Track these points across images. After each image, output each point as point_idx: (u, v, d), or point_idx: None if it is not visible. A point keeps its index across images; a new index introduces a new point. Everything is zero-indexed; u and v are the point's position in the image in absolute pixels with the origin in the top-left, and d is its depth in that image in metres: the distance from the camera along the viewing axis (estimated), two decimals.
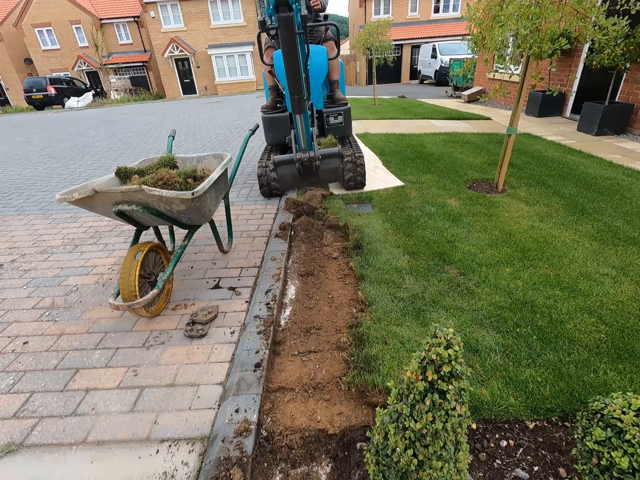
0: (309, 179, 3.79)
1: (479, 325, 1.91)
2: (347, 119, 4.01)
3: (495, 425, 1.42)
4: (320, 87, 3.88)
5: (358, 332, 1.87)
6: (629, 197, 3.35)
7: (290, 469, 1.35)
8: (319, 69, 3.76)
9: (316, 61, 3.69)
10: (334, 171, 3.74)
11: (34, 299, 2.36)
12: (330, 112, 3.98)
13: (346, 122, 4.01)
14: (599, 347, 1.72)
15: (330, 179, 3.84)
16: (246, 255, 2.78)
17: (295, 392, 1.61)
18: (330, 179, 3.86)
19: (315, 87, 3.81)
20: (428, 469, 0.91)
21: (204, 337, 1.96)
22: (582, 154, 4.79)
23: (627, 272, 2.28)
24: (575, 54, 6.81)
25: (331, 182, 4.00)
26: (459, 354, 0.88)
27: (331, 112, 3.98)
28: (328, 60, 3.81)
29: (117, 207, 1.87)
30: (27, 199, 4.34)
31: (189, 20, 22.66)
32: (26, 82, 19.80)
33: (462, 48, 15.75)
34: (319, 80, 3.82)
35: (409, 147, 5.45)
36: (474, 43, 3.17)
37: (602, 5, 2.70)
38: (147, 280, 2.16)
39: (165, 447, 1.40)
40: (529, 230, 2.87)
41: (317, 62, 3.70)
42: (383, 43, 9.50)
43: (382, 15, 23.18)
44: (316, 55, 3.68)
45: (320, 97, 3.93)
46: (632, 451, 0.88)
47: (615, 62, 4.89)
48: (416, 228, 2.97)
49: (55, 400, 1.62)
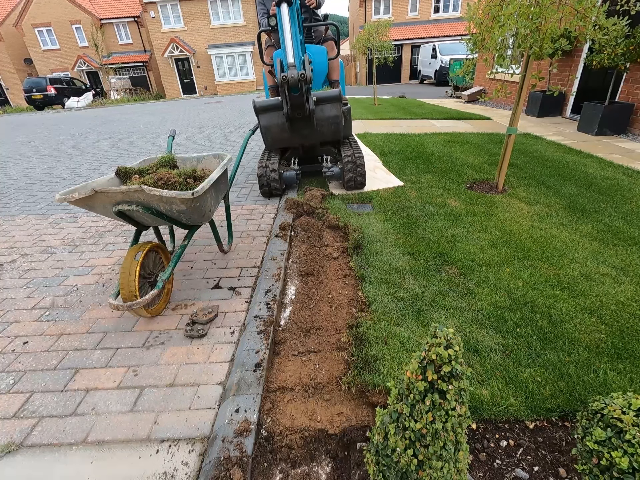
0: (300, 132, 3.23)
1: (479, 325, 1.91)
2: (347, 119, 4.00)
3: (495, 425, 1.42)
4: (320, 87, 3.87)
5: (358, 332, 1.87)
6: (629, 197, 3.35)
7: (290, 469, 1.35)
8: (318, 69, 3.75)
9: (316, 61, 3.69)
10: (333, 121, 3.17)
11: (34, 299, 2.36)
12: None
13: (346, 122, 4.00)
14: (599, 347, 1.72)
15: (328, 132, 3.28)
16: (246, 255, 2.78)
17: (295, 392, 1.61)
18: (328, 133, 3.30)
19: (315, 87, 3.81)
20: (428, 469, 0.91)
21: (204, 337, 1.96)
22: (582, 154, 4.79)
23: (627, 272, 2.28)
24: (575, 54, 6.81)
25: (329, 138, 3.47)
26: (459, 354, 0.88)
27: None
28: (328, 60, 3.81)
29: (117, 207, 1.87)
30: (27, 199, 4.34)
31: (189, 20, 22.67)
32: (26, 82, 19.81)
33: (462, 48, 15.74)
34: (319, 80, 3.81)
35: (409, 147, 5.45)
36: (474, 43, 3.17)
37: (603, 6, 2.71)
38: (147, 280, 2.16)
39: (165, 447, 1.40)
40: (529, 230, 2.87)
41: (316, 62, 3.69)
42: (383, 43, 9.50)
43: (382, 15, 23.18)
44: (316, 55, 3.68)
45: None
46: (632, 451, 0.88)
47: (615, 62, 4.89)
48: (416, 228, 2.97)
49: (55, 400, 1.62)
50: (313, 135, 3.44)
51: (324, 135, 3.49)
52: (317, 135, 3.46)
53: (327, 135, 3.49)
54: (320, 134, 3.43)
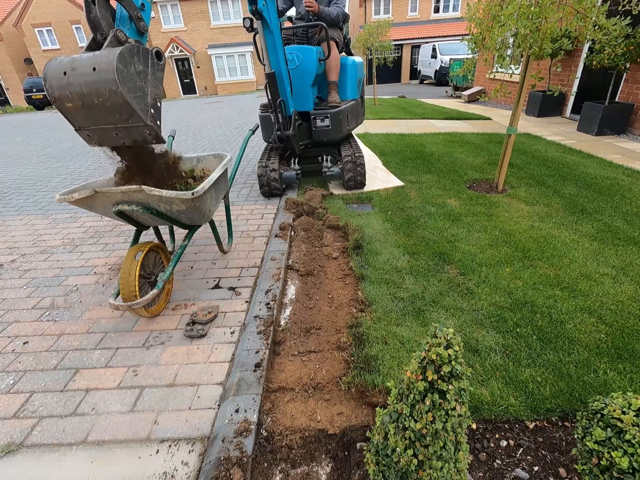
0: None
1: (479, 325, 1.91)
2: (334, 123, 3.76)
3: (495, 425, 1.42)
4: (309, 88, 3.75)
5: (358, 332, 1.87)
6: (629, 197, 3.35)
7: (290, 469, 1.35)
8: (306, 70, 3.67)
9: (302, 62, 3.62)
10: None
11: (34, 299, 2.36)
12: (317, 115, 3.75)
13: (334, 125, 3.76)
14: (599, 347, 1.72)
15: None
16: (246, 255, 2.78)
17: (295, 392, 1.61)
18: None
19: (304, 87, 3.71)
20: (428, 469, 0.91)
21: (204, 337, 1.96)
22: (582, 154, 4.79)
23: (627, 272, 2.28)
24: (575, 54, 6.81)
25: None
26: (459, 354, 0.88)
27: (318, 115, 3.75)
28: (322, 60, 3.73)
29: (117, 207, 1.87)
30: (27, 199, 4.34)
31: (189, 20, 22.66)
32: (26, 82, 19.82)
33: (462, 48, 15.74)
34: (307, 82, 3.73)
35: (409, 147, 5.45)
36: (474, 43, 3.17)
37: (603, 6, 2.71)
38: (147, 280, 2.16)
39: (165, 447, 1.40)
40: (529, 230, 2.87)
41: (304, 63, 3.63)
42: (383, 43, 9.50)
43: (382, 15, 23.17)
44: (303, 56, 3.61)
45: (309, 98, 3.80)
46: (632, 451, 0.88)
47: (615, 62, 4.89)
48: (416, 228, 2.97)
49: (55, 400, 1.62)
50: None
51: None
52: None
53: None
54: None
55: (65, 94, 1.54)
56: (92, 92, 1.51)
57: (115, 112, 1.56)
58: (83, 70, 1.49)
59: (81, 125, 1.68)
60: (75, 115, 1.63)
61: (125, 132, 1.66)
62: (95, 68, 1.47)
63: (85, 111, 1.59)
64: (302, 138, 3.85)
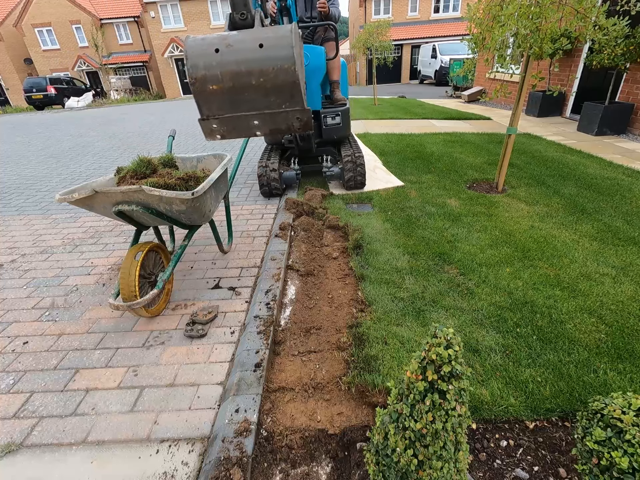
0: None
1: (479, 325, 1.91)
2: (344, 120, 3.99)
3: (495, 425, 1.42)
4: (318, 87, 3.86)
5: (358, 332, 1.87)
6: (629, 197, 3.35)
7: (290, 469, 1.35)
8: (315, 68, 3.73)
9: (312, 61, 3.68)
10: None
11: (34, 299, 2.36)
12: (327, 113, 3.95)
13: (344, 122, 3.99)
14: (599, 347, 1.72)
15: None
16: (246, 255, 2.78)
17: (295, 392, 1.61)
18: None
19: (313, 86, 3.80)
20: (428, 469, 0.91)
21: (204, 337, 1.96)
22: (582, 154, 4.79)
23: (627, 272, 2.28)
24: (575, 54, 6.81)
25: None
26: (459, 354, 0.88)
27: (328, 113, 3.95)
28: (327, 60, 3.80)
29: (117, 207, 1.87)
30: (27, 199, 4.34)
31: (189, 20, 22.68)
32: (26, 82, 19.80)
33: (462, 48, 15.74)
34: (317, 80, 3.79)
35: (409, 147, 5.45)
36: (474, 43, 3.17)
37: (603, 6, 2.70)
38: (147, 280, 2.16)
39: (165, 447, 1.40)
40: (529, 230, 2.86)
41: (313, 62, 3.69)
42: (383, 43, 9.50)
43: (382, 15, 23.18)
44: (313, 55, 3.66)
45: (318, 97, 3.92)
46: (632, 451, 0.88)
47: (615, 62, 4.89)
48: (416, 228, 2.97)
49: (55, 400, 1.62)
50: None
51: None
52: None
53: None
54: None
55: (214, 74, 1.38)
56: (254, 70, 1.35)
57: (274, 94, 1.40)
58: (243, 46, 1.33)
59: (215, 112, 1.49)
60: (214, 99, 1.45)
61: (269, 119, 1.48)
62: (263, 44, 1.32)
63: (231, 94, 1.41)
64: (314, 136, 3.95)
